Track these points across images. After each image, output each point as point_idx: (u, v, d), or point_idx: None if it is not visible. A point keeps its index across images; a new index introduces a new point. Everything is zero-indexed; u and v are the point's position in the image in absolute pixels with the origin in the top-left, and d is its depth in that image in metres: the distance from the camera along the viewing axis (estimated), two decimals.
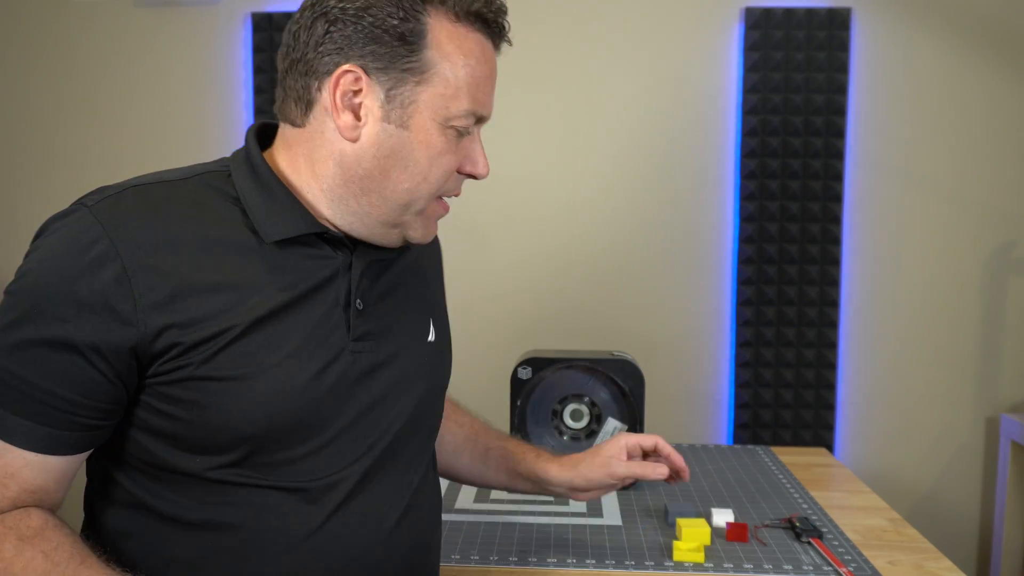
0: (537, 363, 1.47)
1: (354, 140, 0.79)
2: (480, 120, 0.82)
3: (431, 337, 0.93)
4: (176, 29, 2.07)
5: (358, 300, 0.83)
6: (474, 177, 0.84)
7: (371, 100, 0.78)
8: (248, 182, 0.81)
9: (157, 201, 0.76)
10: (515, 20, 2.15)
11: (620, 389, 1.46)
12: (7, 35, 2.10)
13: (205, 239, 0.76)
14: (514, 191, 2.04)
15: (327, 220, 0.83)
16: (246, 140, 0.85)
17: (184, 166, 0.85)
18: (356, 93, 0.78)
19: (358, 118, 0.78)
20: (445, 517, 1.28)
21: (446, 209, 0.86)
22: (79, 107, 2.11)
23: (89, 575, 0.70)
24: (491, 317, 2.07)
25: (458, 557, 1.17)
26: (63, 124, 2.11)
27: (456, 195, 0.86)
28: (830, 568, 1.14)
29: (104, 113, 2.10)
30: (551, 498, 1.41)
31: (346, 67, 0.77)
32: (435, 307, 0.97)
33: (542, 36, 2.02)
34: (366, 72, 0.77)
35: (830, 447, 2.00)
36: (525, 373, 1.47)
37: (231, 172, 0.82)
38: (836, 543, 1.23)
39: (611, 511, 1.36)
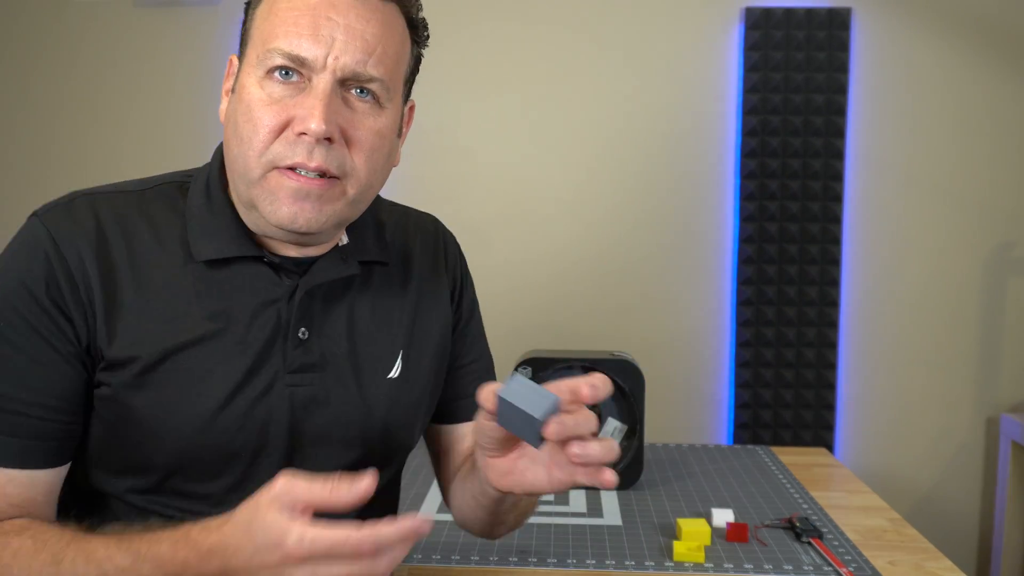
0: (537, 363, 1.47)
1: (224, 124, 0.78)
2: (303, 64, 0.71)
3: (394, 372, 0.84)
4: (176, 29, 2.07)
5: (302, 329, 0.78)
6: (304, 134, 0.70)
7: (231, 80, 0.78)
8: (199, 197, 0.79)
9: (101, 212, 0.76)
10: (515, 20, 2.16)
11: (620, 389, 1.46)
12: (7, 35, 2.10)
13: (139, 257, 0.75)
14: (514, 191, 2.04)
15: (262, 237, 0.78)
16: (215, 151, 0.82)
17: (163, 173, 0.84)
18: (228, 77, 0.78)
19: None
20: (445, 518, 1.28)
21: (298, 183, 0.71)
22: (79, 107, 2.11)
23: (82, 545, 0.68)
24: (491, 317, 2.06)
25: (458, 558, 1.17)
26: (63, 124, 2.11)
27: (307, 165, 0.71)
28: (830, 568, 1.14)
29: (104, 113, 2.10)
30: (551, 498, 1.41)
31: (231, 56, 0.79)
32: (417, 340, 0.87)
33: (542, 36, 2.02)
34: (238, 56, 0.77)
35: (830, 447, 2.00)
36: (525, 373, 1.47)
37: (190, 184, 0.81)
38: (836, 543, 1.23)
39: (611, 511, 1.36)
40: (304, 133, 0.70)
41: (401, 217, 0.93)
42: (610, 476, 0.64)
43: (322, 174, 0.72)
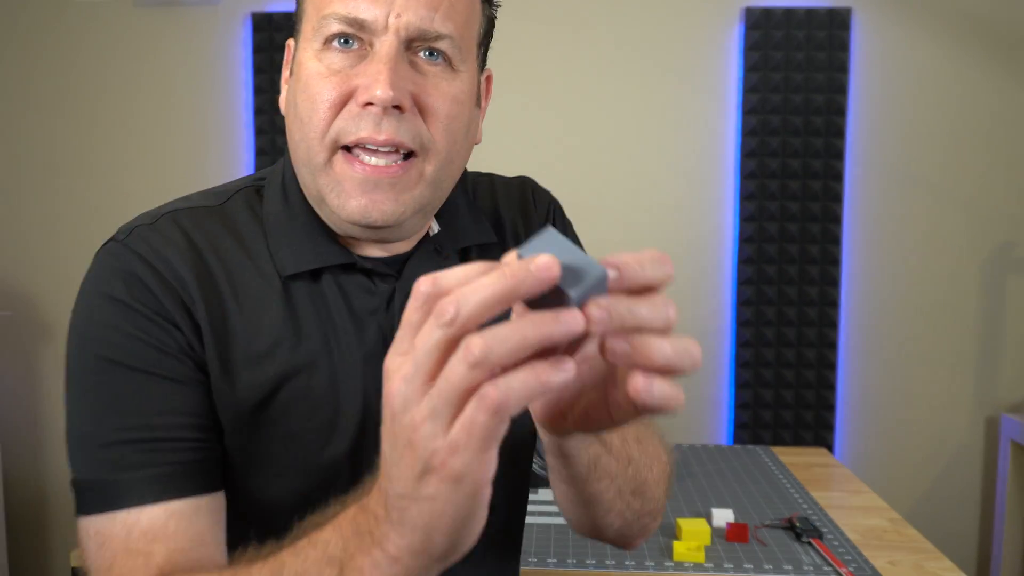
0: None
1: (284, 115, 0.70)
2: (363, 27, 0.63)
3: None
4: (176, 29, 2.07)
5: None
6: (370, 104, 0.62)
7: (289, 66, 0.71)
8: (276, 202, 0.71)
9: (188, 227, 0.68)
10: (516, 20, 2.16)
11: None
12: (8, 35, 2.10)
13: (236, 276, 0.67)
14: None
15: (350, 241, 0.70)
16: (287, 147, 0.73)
17: (231, 181, 0.76)
18: (287, 65, 0.71)
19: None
20: None
21: (363, 173, 0.63)
22: (79, 107, 2.11)
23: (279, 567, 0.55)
24: None
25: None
26: (63, 124, 2.11)
27: (375, 139, 0.62)
28: (830, 568, 1.14)
29: (104, 113, 2.10)
30: (550, 497, 1.41)
31: (288, 41, 0.71)
32: None
33: (542, 36, 2.02)
34: (294, 39, 0.70)
35: (830, 447, 2.00)
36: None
37: (265, 188, 0.72)
38: (836, 543, 1.23)
39: None
40: (370, 103, 0.62)
41: (487, 187, 0.83)
42: (674, 393, 0.41)
43: (395, 149, 0.63)
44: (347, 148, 0.64)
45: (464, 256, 0.75)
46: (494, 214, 0.80)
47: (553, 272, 0.38)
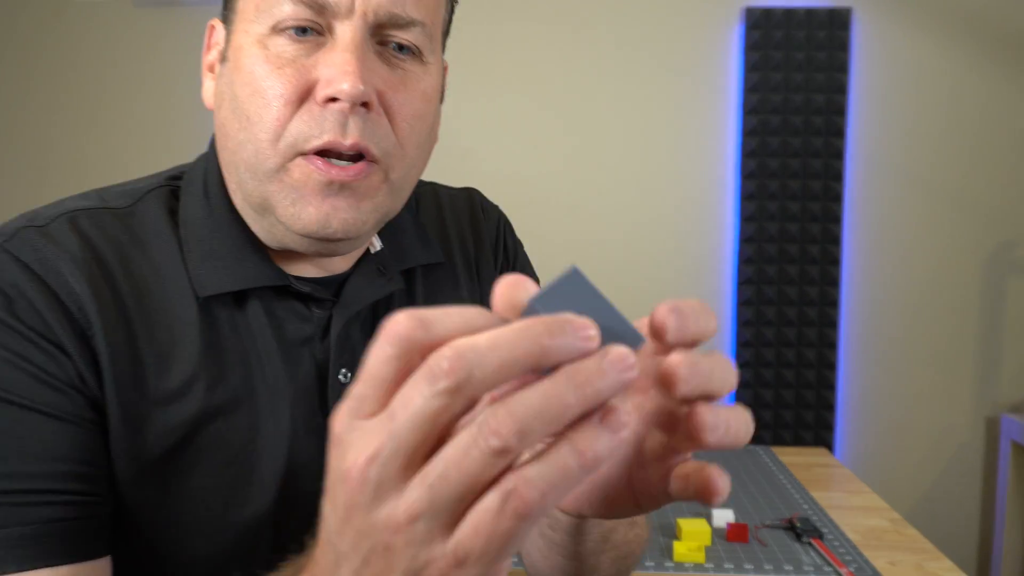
0: None
1: (212, 109, 0.59)
2: (322, 11, 0.53)
3: None
4: (176, 29, 2.07)
5: (343, 371, 0.59)
6: (334, 100, 0.52)
7: (217, 51, 0.59)
8: (195, 209, 0.59)
9: (90, 232, 0.56)
10: (516, 20, 2.16)
11: None
12: (8, 35, 2.10)
13: (138, 296, 0.56)
14: (513, 192, 2.04)
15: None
16: (210, 143, 0.62)
17: (142, 177, 0.64)
18: (210, 49, 0.60)
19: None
20: None
21: (328, 174, 0.53)
22: (79, 107, 2.11)
23: None
24: None
25: None
26: (63, 124, 2.11)
27: (341, 145, 0.52)
28: (830, 568, 1.14)
29: (104, 113, 2.10)
30: None
31: (211, 21, 0.60)
32: None
33: (542, 36, 2.02)
34: (222, 20, 0.59)
35: (830, 447, 2.00)
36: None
37: (182, 190, 0.61)
38: (836, 543, 1.23)
39: None
40: (334, 99, 0.51)
41: (431, 198, 0.73)
42: (722, 483, 0.36)
43: (358, 156, 0.53)
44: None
45: (408, 277, 0.66)
46: (440, 228, 0.71)
47: (592, 344, 0.29)
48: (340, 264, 0.62)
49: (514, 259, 0.74)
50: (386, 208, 0.57)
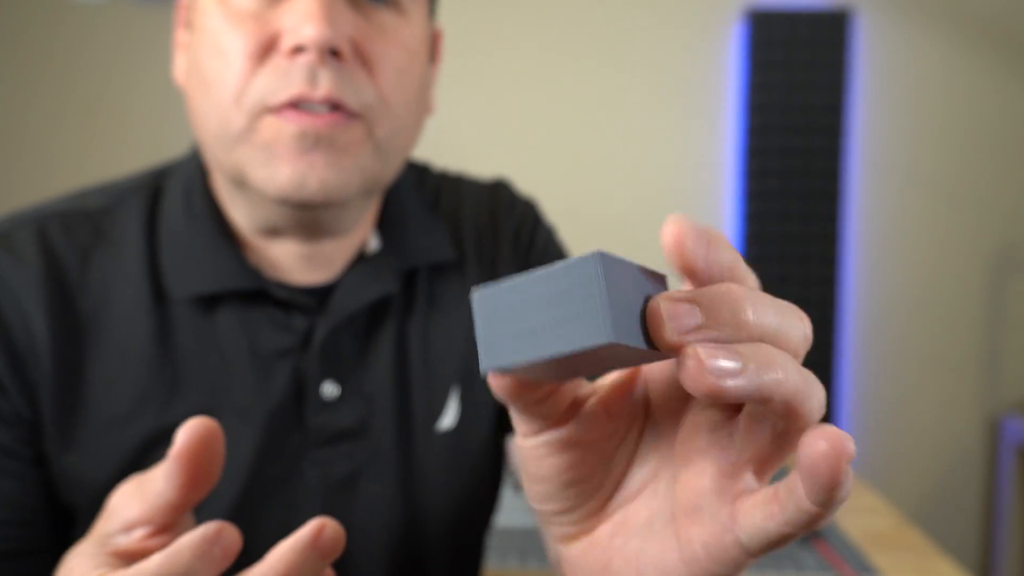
0: None
1: (183, 86, 0.54)
2: None
3: (447, 423, 0.58)
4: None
5: (326, 383, 0.54)
6: (301, 49, 0.46)
7: (183, 28, 0.54)
8: (175, 206, 0.55)
9: (54, 242, 0.52)
10: (516, 20, 2.15)
11: None
12: (8, 35, 2.10)
13: (96, 311, 0.52)
14: None
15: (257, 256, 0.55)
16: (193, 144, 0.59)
17: (132, 174, 0.60)
18: (179, 26, 0.55)
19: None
20: None
21: (300, 123, 0.47)
22: (80, 107, 2.11)
23: None
24: None
25: None
26: (63, 124, 2.11)
27: (311, 97, 0.47)
28: (831, 569, 1.14)
29: (105, 113, 2.10)
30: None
31: None
32: (473, 368, 0.60)
33: (542, 36, 2.01)
34: None
35: None
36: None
37: (165, 189, 0.56)
38: (837, 544, 1.23)
39: None
40: (300, 48, 0.46)
41: (452, 191, 0.65)
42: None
43: (335, 107, 0.48)
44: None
45: (410, 280, 0.59)
46: (456, 224, 0.63)
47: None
48: (332, 271, 0.56)
49: (526, 251, 0.65)
50: (372, 172, 0.51)
